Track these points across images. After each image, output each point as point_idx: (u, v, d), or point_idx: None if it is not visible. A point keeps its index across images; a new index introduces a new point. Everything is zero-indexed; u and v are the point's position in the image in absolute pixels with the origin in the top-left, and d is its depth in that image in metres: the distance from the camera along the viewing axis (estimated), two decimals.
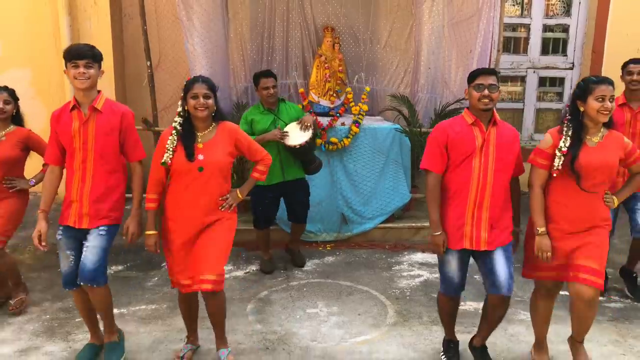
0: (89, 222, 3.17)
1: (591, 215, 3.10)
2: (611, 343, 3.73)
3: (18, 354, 3.51)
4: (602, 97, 2.96)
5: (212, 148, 3.14)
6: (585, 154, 3.02)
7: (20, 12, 6.52)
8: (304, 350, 3.60)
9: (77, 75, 3.07)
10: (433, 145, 3.16)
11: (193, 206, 3.14)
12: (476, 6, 5.82)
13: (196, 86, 3.09)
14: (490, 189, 3.07)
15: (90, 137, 3.14)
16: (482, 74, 3.09)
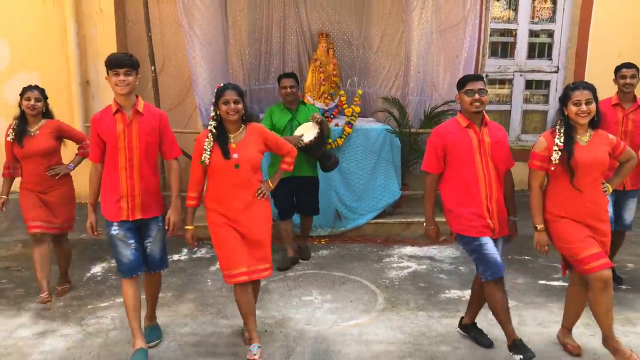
0: (142, 212, 3.47)
1: (594, 207, 3.38)
2: (583, 326, 4.02)
3: (36, 336, 3.81)
4: (577, 101, 3.27)
5: (244, 147, 3.45)
6: (579, 152, 3.33)
7: (29, 19, 6.81)
8: (300, 332, 3.90)
9: (118, 82, 3.33)
10: (431, 149, 3.50)
11: (233, 199, 3.44)
12: (462, 14, 6.12)
13: (227, 93, 3.39)
14: (495, 183, 3.42)
15: (134, 137, 3.41)
16: (471, 80, 3.42)
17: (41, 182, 4.33)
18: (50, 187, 4.36)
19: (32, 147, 4.24)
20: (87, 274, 4.92)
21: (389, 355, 3.61)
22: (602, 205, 3.43)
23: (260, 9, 6.53)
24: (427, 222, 3.57)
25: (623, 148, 3.48)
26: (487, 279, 3.40)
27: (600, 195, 3.41)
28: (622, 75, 4.58)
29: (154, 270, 3.64)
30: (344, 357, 3.58)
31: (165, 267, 3.73)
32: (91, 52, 6.81)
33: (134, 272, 3.48)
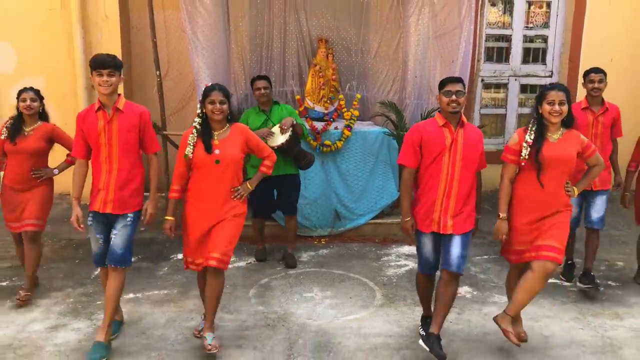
0: (113, 207, 3.62)
1: (554, 200, 3.58)
2: (572, 320, 4.22)
3: (49, 330, 3.97)
4: (552, 101, 3.48)
5: (226, 144, 3.62)
6: (547, 148, 3.53)
7: (36, 25, 6.99)
8: (301, 326, 4.07)
9: (101, 82, 3.52)
10: (408, 144, 3.67)
11: (211, 195, 3.62)
12: (458, 20, 6.29)
13: (213, 93, 3.58)
14: (457, 182, 3.56)
15: (114, 134, 3.58)
16: (450, 82, 3.59)
17: (23, 181, 4.43)
18: (31, 187, 4.46)
19: (22, 145, 4.36)
20: (94, 272, 5.05)
21: (387, 347, 3.77)
22: (561, 199, 3.60)
23: (262, 15, 6.67)
24: (403, 214, 3.72)
25: (593, 151, 3.67)
26: (419, 269, 3.81)
27: (561, 192, 3.58)
28: (590, 80, 4.77)
29: (113, 263, 3.62)
30: (343, 348, 3.75)
31: (126, 264, 3.68)
32: None
33: (99, 264, 3.72)
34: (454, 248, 3.57)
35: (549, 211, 3.59)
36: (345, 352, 3.71)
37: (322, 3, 6.62)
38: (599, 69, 4.82)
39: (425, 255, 3.72)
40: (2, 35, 7.02)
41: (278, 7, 6.61)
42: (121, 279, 3.67)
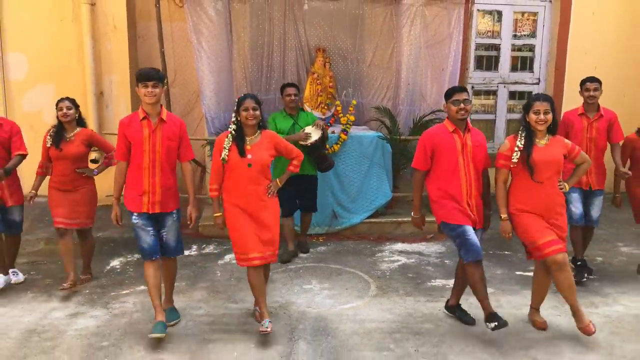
0: (160, 207, 3.98)
1: (550, 200, 3.92)
2: (551, 307, 4.56)
3: (69, 317, 4.30)
4: (537, 110, 3.84)
5: (258, 149, 3.96)
6: (536, 153, 3.89)
7: (47, 35, 7.34)
8: (301, 314, 4.41)
9: (146, 93, 3.86)
10: (421, 150, 4.06)
11: (245, 194, 3.94)
12: (448, 31, 6.69)
13: (247, 101, 3.92)
14: (474, 181, 3.96)
15: (158, 142, 3.92)
16: (457, 91, 3.99)
17: (68, 182, 4.82)
18: (76, 187, 4.85)
19: (66, 151, 4.74)
20: (107, 267, 5.41)
21: (380, 332, 4.12)
22: (557, 199, 3.96)
23: (262, 26, 7.00)
24: (414, 211, 4.15)
25: (578, 152, 4.03)
26: (467, 260, 3.93)
27: (555, 191, 3.94)
28: (586, 89, 5.13)
29: (170, 255, 4.13)
30: (340, 332, 4.09)
31: (180, 253, 4.23)
32: (105, 65, 7.34)
33: (152, 256, 4.00)
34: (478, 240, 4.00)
35: (548, 210, 3.93)
36: (341, 335, 4.05)
37: (319, 14, 6.96)
38: (594, 78, 5.17)
39: (471, 240, 3.91)
40: (16, 44, 7.35)
41: (278, 19, 6.94)
42: (176, 266, 4.31)
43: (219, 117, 6.56)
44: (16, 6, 7.28)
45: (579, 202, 5.14)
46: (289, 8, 6.86)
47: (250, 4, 6.78)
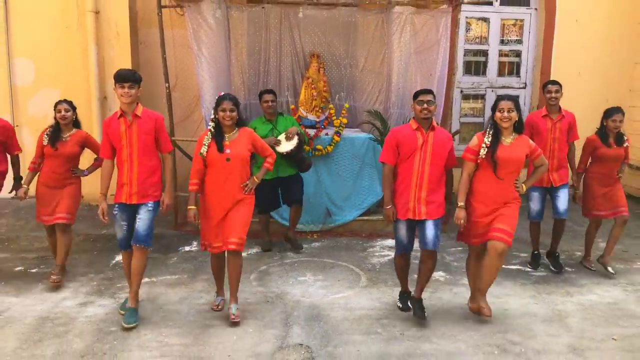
0: (137, 199, 4.28)
1: (505, 194, 4.25)
2: (529, 297, 4.89)
3: (79, 305, 4.60)
4: (502, 109, 4.16)
5: (236, 145, 4.29)
6: (501, 150, 4.20)
7: (53, 41, 7.64)
8: (296, 302, 4.72)
9: (122, 94, 4.19)
10: (387, 145, 4.36)
11: (224, 188, 4.27)
12: (436, 38, 7.00)
13: (224, 102, 4.24)
14: (427, 176, 4.24)
15: (134, 136, 4.24)
16: (422, 93, 4.29)
17: (58, 179, 5.08)
18: (64, 185, 5.11)
19: (61, 150, 5.01)
20: (112, 262, 5.71)
21: (369, 318, 4.44)
22: (511, 194, 4.26)
23: (259, 33, 7.31)
24: (385, 203, 4.40)
25: (539, 154, 4.35)
26: (396, 251, 4.49)
27: (511, 186, 4.25)
28: (548, 91, 5.49)
29: (137, 242, 4.24)
30: (332, 319, 4.41)
31: (147, 244, 4.27)
32: (109, 71, 7.62)
33: (123, 247, 4.35)
34: (428, 230, 4.26)
35: (501, 202, 4.26)
36: (333, 321, 4.36)
37: (314, 22, 7.25)
38: (555, 81, 5.55)
39: (400, 238, 4.40)
40: (23, 51, 7.66)
41: (274, 26, 7.25)
42: (144, 257, 4.32)
43: None
44: (23, 14, 7.59)
45: (537, 201, 5.52)
46: (285, 16, 7.16)
47: (247, 12, 7.08)
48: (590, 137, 5.63)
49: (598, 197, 5.56)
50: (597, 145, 5.54)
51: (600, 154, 5.53)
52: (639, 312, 4.64)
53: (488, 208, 4.26)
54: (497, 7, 8.77)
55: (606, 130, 5.52)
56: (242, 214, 4.32)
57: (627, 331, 4.27)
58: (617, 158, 5.55)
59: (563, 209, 5.47)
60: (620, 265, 5.71)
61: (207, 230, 4.39)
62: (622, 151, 5.54)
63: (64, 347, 3.90)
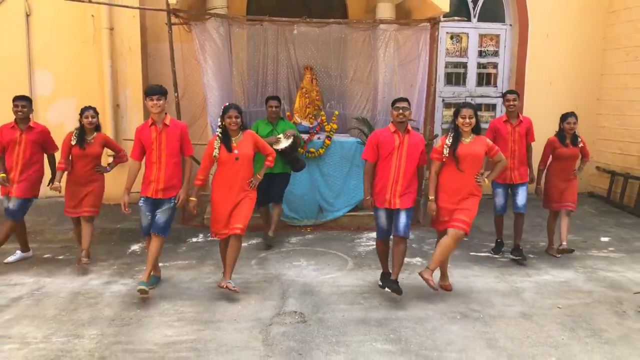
0: (162, 194, 5.02)
1: (467, 187, 4.99)
2: (493, 277, 5.65)
3: (104, 284, 5.34)
4: (464, 115, 4.92)
5: (242, 146, 5.03)
6: (461, 148, 4.96)
7: (70, 55, 8.42)
8: (291, 281, 5.47)
9: (152, 105, 4.93)
10: (369, 144, 5.12)
11: (232, 183, 5.01)
12: (417, 52, 7.77)
13: (231, 111, 4.99)
14: (403, 172, 5.00)
15: (163, 142, 4.99)
16: (399, 101, 5.06)
17: (85, 177, 5.80)
18: (90, 181, 5.84)
19: (88, 150, 5.75)
20: (128, 250, 6.45)
21: (353, 293, 5.19)
22: (473, 185, 4.97)
23: (258, 47, 8.06)
24: (364, 194, 5.17)
25: (497, 151, 5.09)
26: (377, 236, 5.20)
27: (472, 180, 4.96)
28: (507, 99, 6.28)
29: (156, 231, 5.00)
30: (322, 293, 5.15)
31: (165, 234, 5.03)
32: (121, 82, 8.42)
33: (145, 235, 5.10)
34: (401, 219, 5.01)
35: (465, 193, 5.00)
36: (322, 295, 5.11)
37: (307, 38, 7.99)
38: (513, 91, 6.36)
39: (380, 224, 5.15)
40: (42, 63, 8.45)
41: (272, 41, 8.00)
42: (160, 243, 5.06)
43: None
44: (43, 30, 8.38)
45: (502, 196, 6.29)
46: (281, 32, 7.92)
47: (248, 29, 7.86)
48: (550, 138, 6.41)
49: (556, 191, 6.34)
50: (556, 146, 6.32)
51: (558, 152, 6.31)
52: (585, 288, 5.41)
53: (452, 198, 5.01)
54: (475, 23, 9.60)
55: (563, 132, 6.30)
56: (246, 206, 5.08)
57: (571, 302, 5.04)
58: (573, 156, 6.35)
59: (522, 204, 6.22)
60: (577, 253, 6.46)
61: (216, 220, 5.10)
62: (577, 150, 6.33)
63: (96, 313, 4.64)
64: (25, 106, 5.80)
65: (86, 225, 5.82)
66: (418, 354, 4.03)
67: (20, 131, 5.78)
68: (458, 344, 4.19)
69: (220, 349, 4.05)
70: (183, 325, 4.44)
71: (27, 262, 5.98)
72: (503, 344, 4.20)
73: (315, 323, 4.51)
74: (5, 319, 4.51)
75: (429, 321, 4.60)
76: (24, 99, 5.84)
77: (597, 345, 4.22)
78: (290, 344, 4.13)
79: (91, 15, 8.21)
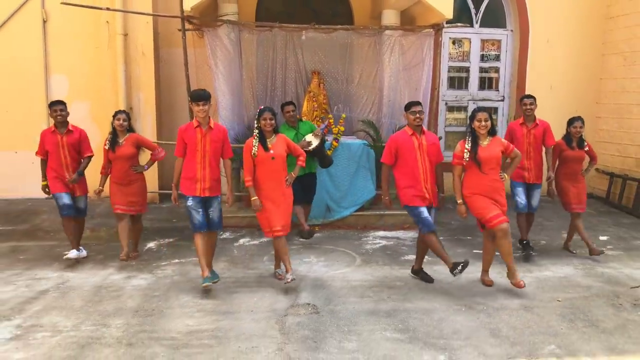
0: (209, 192, 5.28)
1: (493, 187, 5.23)
2: (496, 272, 5.87)
3: (125, 279, 5.60)
4: (480, 119, 5.17)
5: (276, 146, 5.30)
6: (481, 151, 5.22)
7: (85, 60, 8.71)
8: (303, 276, 5.72)
9: (198, 110, 5.19)
10: (388, 149, 5.43)
11: (271, 182, 5.27)
12: (421, 57, 8.05)
13: (265, 113, 5.27)
14: (428, 171, 5.30)
15: (207, 143, 5.24)
16: (414, 105, 5.36)
17: (125, 177, 6.10)
18: (130, 181, 6.13)
19: (120, 152, 6.03)
20: (145, 248, 6.71)
21: (362, 287, 5.44)
22: (498, 185, 5.28)
23: (267, 52, 8.32)
24: (383, 194, 5.46)
25: (512, 149, 5.36)
26: (424, 232, 5.30)
27: (497, 178, 5.24)
28: (523, 103, 6.53)
29: (214, 228, 5.40)
30: (332, 287, 5.41)
31: (221, 228, 5.54)
32: (135, 85, 8.71)
33: (201, 229, 5.29)
34: (432, 217, 5.36)
35: (494, 191, 5.23)
36: (333, 289, 5.37)
37: (315, 43, 8.26)
38: (530, 95, 6.61)
39: (425, 219, 5.32)
40: (59, 68, 8.73)
41: (280, 47, 8.26)
42: (216, 238, 5.53)
43: (233, 127, 7.84)
44: (59, 35, 8.66)
45: (522, 194, 6.51)
46: (290, 38, 8.19)
47: (257, 35, 8.12)
48: (557, 142, 6.65)
49: (570, 193, 6.57)
50: (563, 148, 6.57)
51: (565, 155, 6.56)
52: (583, 283, 5.67)
53: (491, 196, 5.23)
54: (477, 29, 9.87)
55: (570, 135, 6.55)
56: (289, 205, 5.43)
57: (570, 295, 5.30)
58: (579, 159, 6.59)
59: (535, 204, 6.55)
60: (576, 251, 6.72)
61: (265, 219, 5.34)
62: (583, 153, 6.58)
63: (120, 305, 4.90)
64: (63, 110, 6.09)
65: (135, 223, 6.24)
66: (426, 341, 4.29)
67: (61, 135, 6.07)
68: (463, 333, 4.44)
69: (239, 336, 4.31)
70: (203, 316, 4.70)
71: (49, 258, 6.25)
72: (505, 332, 4.46)
73: (327, 314, 4.76)
74: (35, 310, 4.77)
75: (436, 312, 4.85)
76: (61, 103, 6.13)
77: (594, 334, 4.47)
78: (305, 333, 4.39)
79: (106, 22, 8.50)
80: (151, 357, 3.99)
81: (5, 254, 6.43)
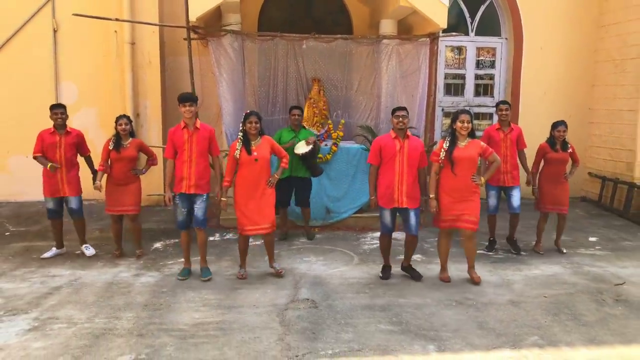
0: (195, 189, 5.61)
1: (465, 187, 5.55)
2: (486, 271, 6.18)
3: (133, 276, 5.90)
4: (462, 120, 5.49)
5: (260, 148, 5.61)
6: (457, 151, 5.53)
7: (93, 67, 9.02)
8: (303, 274, 6.02)
9: (184, 111, 5.54)
10: (373, 150, 5.70)
11: (252, 183, 5.59)
12: (417, 64, 8.34)
13: (251, 117, 5.59)
14: (406, 174, 5.57)
15: (194, 143, 5.58)
16: (398, 109, 5.64)
17: (122, 178, 6.40)
18: (128, 182, 6.44)
19: (124, 154, 6.34)
20: (152, 248, 7.01)
21: (359, 284, 5.73)
22: (471, 186, 5.56)
23: (269, 61, 8.57)
24: (370, 194, 5.76)
25: (490, 152, 5.66)
26: (381, 232, 5.74)
27: (469, 180, 5.53)
28: (500, 109, 6.85)
29: (197, 225, 5.73)
30: (330, 284, 5.71)
31: (204, 226, 5.79)
32: (142, 92, 9.02)
33: (184, 227, 5.70)
34: (411, 219, 5.64)
35: (465, 193, 5.56)
36: (331, 285, 5.67)
37: (315, 52, 8.53)
38: (506, 101, 6.94)
39: (385, 222, 5.71)
40: (68, 75, 9.05)
41: (282, 55, 8.52)
42: (205, 234, 5.80)
43: (236, 132, 8.10)
44: (69, 44, 8.99)
45: (494, 197, 6.86)
46: (291, 47, 8.46)
47: (260, 44, 8.42)
48: (541, 144, 6.96)
49: (548, 195, 6.87)
50: (547, 151, 6.87)
51: (549, 157, 6.86)
52: (570, 280, 5.95)
53: (451, 197, 5.57)
54: (473, 37, 10.18)
55: (554, 139, 6.85)
56: (268, 205, 5.71)
57: (556, 292, 5.58)
58: (563, 161, 6.89)
59: (516, 205, 6.82)
60: (565, 251, 7.00)
61: (243, 216, 5.68)
62: (567, 155, 6.87)
63: (130, 300, 5.21)
64: (63, 113, 6.43)
65: (132, 223, 6.51)
66: (417, 333, 4.58)
67: (60, 135, 6.39)
68: (452, 325, 4.73)
69: (243, 328, 4.60)
70: (208, 310, 5.00)
71: (61, 257, 6.56)
72: (492, 325, 4.75)
73: (325, 308, 5.05)
74: (50, 304, 5.08)
75: (427, 307, 5.14)
76: (61, 107, 6.48)
77: (576, 327, 4.76)
78: (304, 325, 4.68)
79: (114, 31, 8.82)
80: (161, 346, 4.28)
81: (20, 253, 6.73)
